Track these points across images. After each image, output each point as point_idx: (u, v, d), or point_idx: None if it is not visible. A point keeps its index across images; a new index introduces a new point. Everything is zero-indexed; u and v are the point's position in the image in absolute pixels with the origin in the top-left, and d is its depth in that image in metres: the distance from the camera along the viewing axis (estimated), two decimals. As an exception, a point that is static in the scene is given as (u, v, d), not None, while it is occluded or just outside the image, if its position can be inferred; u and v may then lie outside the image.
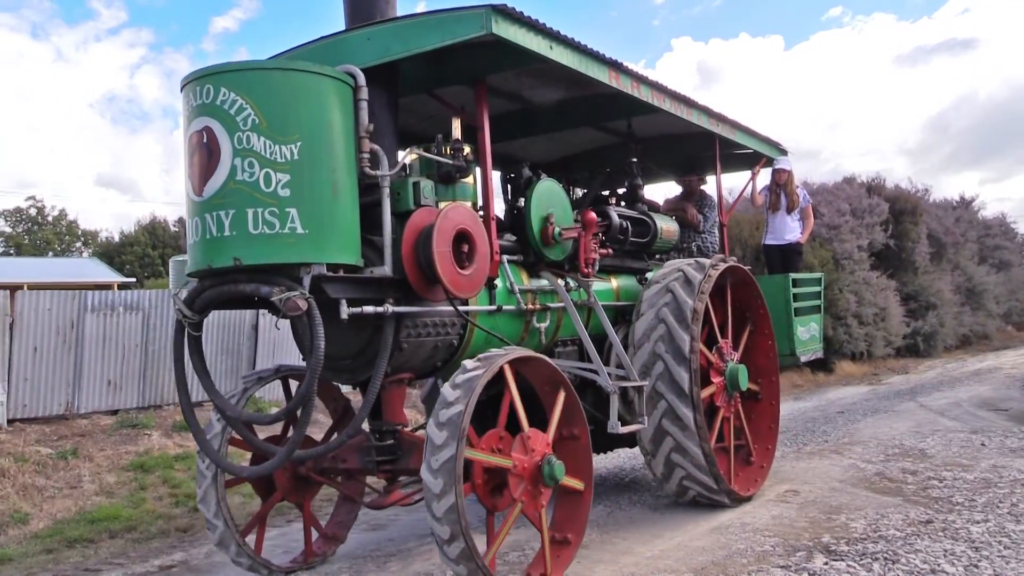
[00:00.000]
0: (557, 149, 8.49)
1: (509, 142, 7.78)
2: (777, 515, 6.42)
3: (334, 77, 4.56)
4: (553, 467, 4.67)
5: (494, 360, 4.59)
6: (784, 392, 16.57)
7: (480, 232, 4.97)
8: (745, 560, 5.33)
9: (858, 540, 5.62)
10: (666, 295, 6.43)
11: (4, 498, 7.84)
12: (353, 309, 4.49)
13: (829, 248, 19.75)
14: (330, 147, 4.46)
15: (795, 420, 12.25)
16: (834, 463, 8.46)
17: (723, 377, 6.81)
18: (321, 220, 4.36)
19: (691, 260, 6.83)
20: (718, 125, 7.41)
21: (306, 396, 4.29)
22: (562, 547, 5.04)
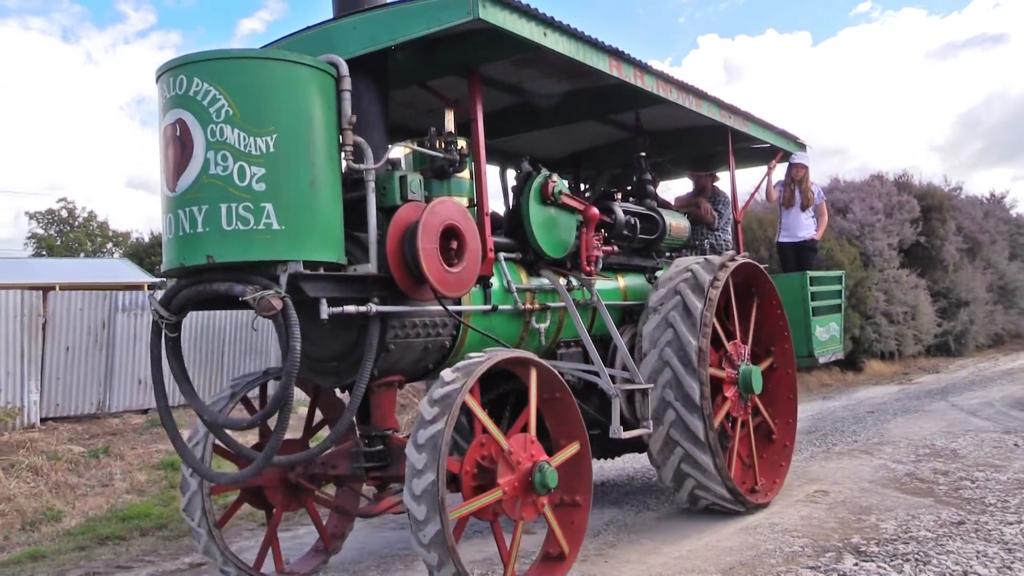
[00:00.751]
0: (565, 145, 8.26)
1: (514, 137, 7.57)
2: (806, 515, 6.36)
3: (314, 67, 4.36)
4: (546, 474, 4.43)
5: (472, 369, 4.35)
6: (813, 391, 16.74)
7: (470, 228, 4.75)
8: (774, 561, 5.27)
9: (888, 541, 5.55)
10: (674, 297, 6.17)
11: (37, 495, 7.96)
12: (334, 309, 4.29)
13: (858, 245, 19.33)
14: (309, 139, 4.26)
15: (824, 420, 12.10)
16: (864, 463, 8.36)
17: (736, 387, 6.53)
18: (299, 215, 4.16)
19: (700, 258, 6.56)
20: (730, 117, 7.12)
21: (281, 400, 4.09)
22: (557, 562, 4.80)
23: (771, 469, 7.00)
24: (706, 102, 6.72)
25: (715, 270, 6.33)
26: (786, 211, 8.93)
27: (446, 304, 4.72)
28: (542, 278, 5.76)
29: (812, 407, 13.72)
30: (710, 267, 6.36)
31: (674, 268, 6.47)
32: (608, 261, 6.49)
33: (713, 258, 6.55)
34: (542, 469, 4.44)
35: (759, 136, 7.67)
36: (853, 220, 19.76)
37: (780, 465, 7.00)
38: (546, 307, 5.67)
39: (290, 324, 4.03)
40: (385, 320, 4.63)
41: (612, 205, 6.37)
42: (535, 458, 4.49)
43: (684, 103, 6.43)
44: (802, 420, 11.69)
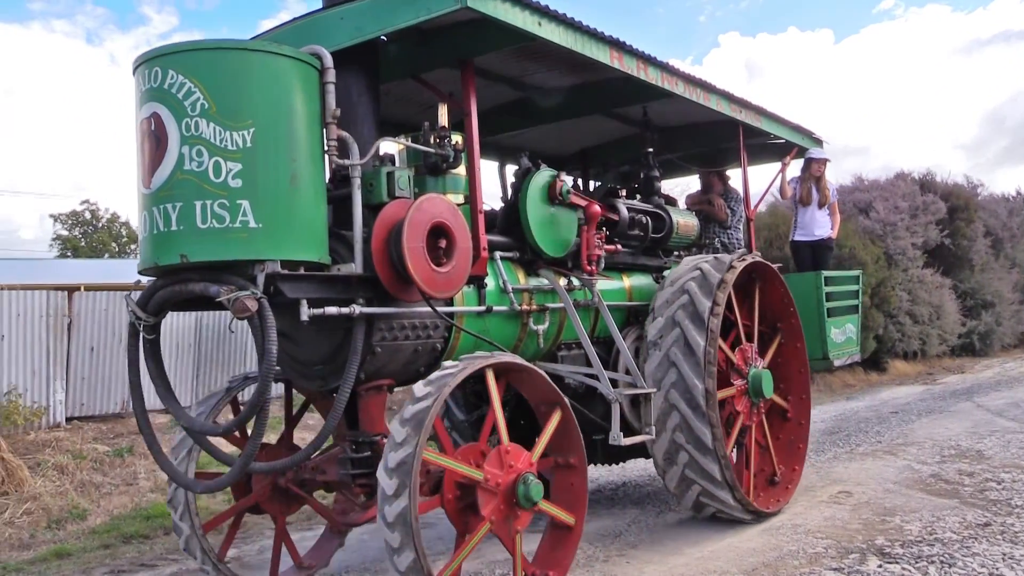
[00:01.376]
0: (573, 141, 8.05)
1: (520, 134, 7.38)
2: (829, 516, 6.30)
3: (296, 58, 4.17)
4: (529, 487, 4.23)
5: (475, 361, 4.18)
6: (836, 392, 16.57)
7: (460, 226, 4.55)
8: (797, 562, 5.23)
9: (913, 543, 5.50)
10: (682, 295, 5.94)
11: (63, 494, 7.99)
12: (315, 310, 4.11)
13: (881, 245, 18.99)
14: (289, 133, 4.08)
15: (847, 420, 11.93)
16: (888, 464, 8.30)
17: (745, 380, 6.29)
18: (277, 213, 3.98)
19: (710, 257, 6.32)
20: (741, 112, 6.88)
21: (257, 405, 3.91)
22: (565, 532, 4.63)
23: (788, 454, 6.80)
24: (715, 95, 6.48)
25: (725, 269, 6.10)
26: (802, 208, 8.64)
27: (435, 305, 4.52)
28: (541, 278, 5.56)
29: (835, 407, 13.60)
30: (720, 265, 6.13)
31: (683, 266, 6.24)
32: (613, 261, 6.28)
33: (724, 256, 6.32)
34: (527, 481, 4.23)
35: (772, 131, 7.42)
36: (876, 220, 19.42)
37: (798, 447, 6.76)
38: (544, 308, 5.47)
39: (266, 326, 3.85)
40: (371, 322, 4.45)
41: (616, 202, 6.15)
42: (516, 470, 4.29)
43: (691, 97, 6.20)
44: (825, 420, 11.87)
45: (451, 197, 5.22)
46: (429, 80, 5.34)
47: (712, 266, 6.10)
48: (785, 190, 8.45)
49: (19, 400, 9.25)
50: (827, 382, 16.58)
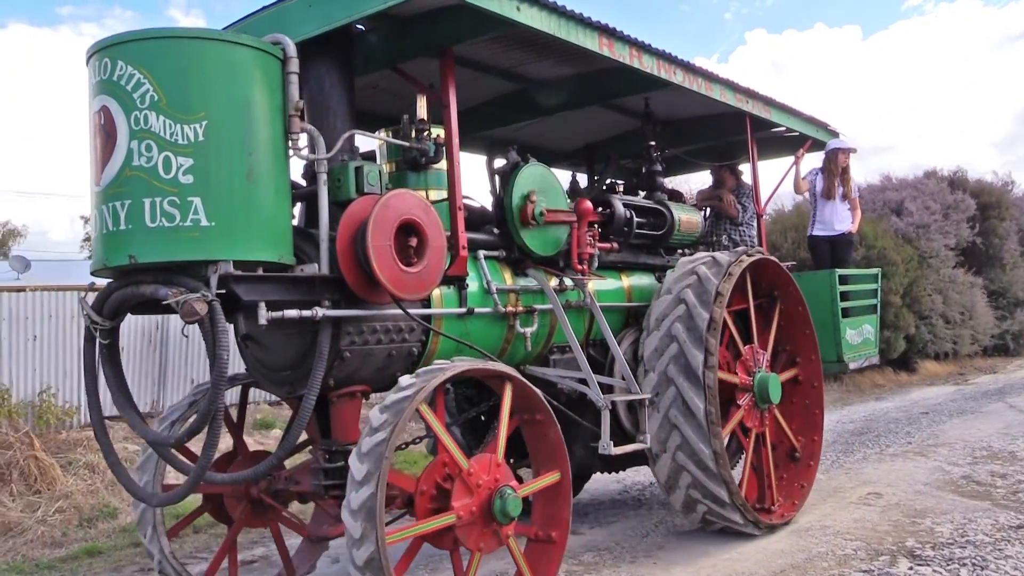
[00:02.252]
0: (579, 136, 7.77)
1: (522, 128, 7.13)
2: (859, 518, 6.23)
3: (254, 47, 3.95)
4: (506, 501, 3.97)
5: (432, 376, 3.92)
6: (865, 392, 16.21)
7: (433, 223, 4.30)
8: (826, 564, 5.19)
9: (944, 545, 5.43)
10: (678, 306, 5.61)
11: (94, 493, 7.99)
12: (273, 313, 3.88)
13: (916, 247, 18.51)
14: (246, 126, 3.85)
15: (877, 421, 11.76)
16: (918, 465, 8.19)
17: (751, 394, 5.97)
18: (231, 211, 3.76)
19: (708, 257, 6.01)
20: (748, 102, 6.55)
21: (208, 413, 3.68)
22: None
23: (790, 489, 6.42)
24: (718, 85, 6.17)
25: (722, 273, 5.75)
26: (823, 202, 8.24)
27: (406, 307, 4.27)
28: (530, 279, 5.29)
29: (865, 408, 13.42)
30: (718, 269, 5.78)
31: (679, 270, 5.91)
32: (611, 259, 6.00)
33: (722, 256, 5.97)
34: (503, 495, 3.98)
35: (782, 123, 7.07)
36: (910, 222, 18.96)
37: (800, 486, 6.38)
38: (531, 310, 5.19)
39: (217, 331, 3.63)
40: (339, 325, 4.21)
41: (611, 198, 5.85)
42: (499, 482, 4.03)
43: (692, 87, 5.90)
44: (854, 421, 11.76)
45: (434, 194, 5.01)
46: (410, 71, 5.08)
47: (710, 269, 5.73)
48: (799, 185, 8.08)
49: (52, 400, 9.21)
50: (856, 382, 16.27)
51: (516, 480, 4.33)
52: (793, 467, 6.49)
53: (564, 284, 5.45)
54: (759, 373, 6.04)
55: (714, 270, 5.71)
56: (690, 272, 5.74)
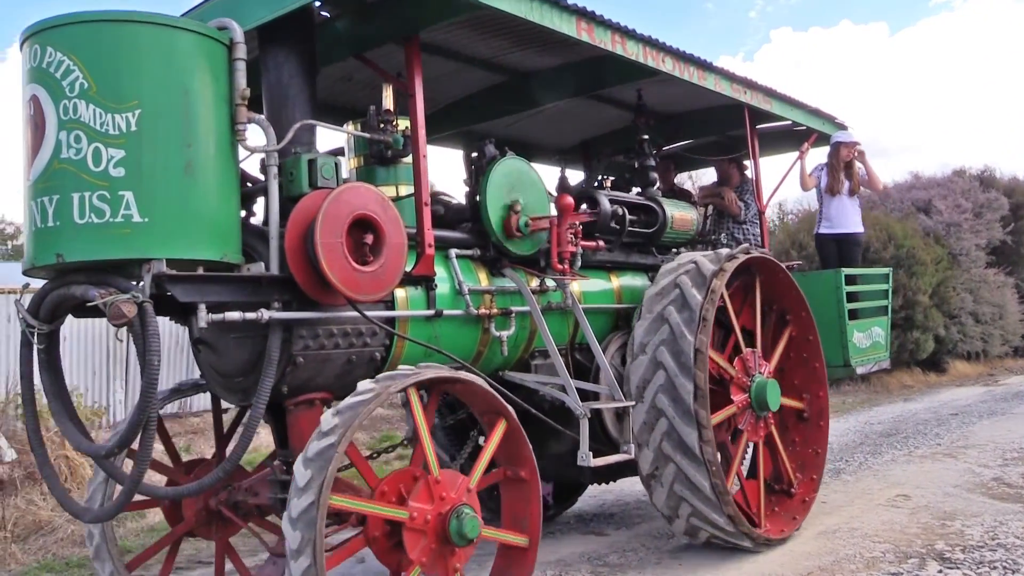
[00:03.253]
0: (575, 132, 7.48)
1: (515, 124, 6.86)
2: (887, 520, 6.17)
3: (195, 32, 3.70)
4: (463, 522, 3.68)
5: (395, 381, 3.65)
6: (893, 393, 15.93)
7: (391, 219, 4.02)
8: (854, 566, 5.13)
9: (975, 548, 5.37)
10: (672, 291, 5.30)
11: None
12: (214, 316, 3.63)
13: (945, 246, 18.04)
14: (184, 116, 3.60)
15: (905, 422, 11.65)
16: (948, 467, 8.09)
17: (747, 394, 5.64)
18: (166, 206, 3.51)
19: (709, 251, 5.70)
20: (746, 93, 6.22)
21: (139, 423, 3.43)
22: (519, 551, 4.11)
23: (791, 504, 6.07)
24: (712, 74, 5.84)
25: (722, 261, 5.46)
26: (829, 198, 7.82)
27: (363, 309, 4.00)
28: (507, 279, 5.00)
29: (893, 409, 13.33)
30: (716, 259, 5.49)
31: (677, 260, 5.61)
32: (600, 259, 5.70)
33: (723, 251, 5.68)
34: (460, 515, 3.69)
35: (785, 115, 6.72)
36: (939, 221, 18.49)
37: (793, 519, 5.98)
38: (507, 312, 4.90)
39: (147, 335, 3.38)
40: (290, 329, 3.95)
41: (596, 194, 5.55)
42: (449, 502, 3.75)
43: (684, 76, 5.58)
44: (882, 422, 11.69)
45: (404, 189, 4.75)
46: (378, 60, 4.81)
47: (708, 259, 5.47)
48: (805, 181, 7.70)
49: (80, 400, 9.12)
50: (884, 383, 16.09)
51: None
52: (785, 501, 6.13)
53: (545, 285, 5.16)
54: (758, 378, 5.70)
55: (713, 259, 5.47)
56: (689, 261, 5.46)
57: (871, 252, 15.57)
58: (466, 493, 3.80)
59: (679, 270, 5.44)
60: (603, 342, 5.55)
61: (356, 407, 3.56)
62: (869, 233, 15.87)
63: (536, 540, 4.14)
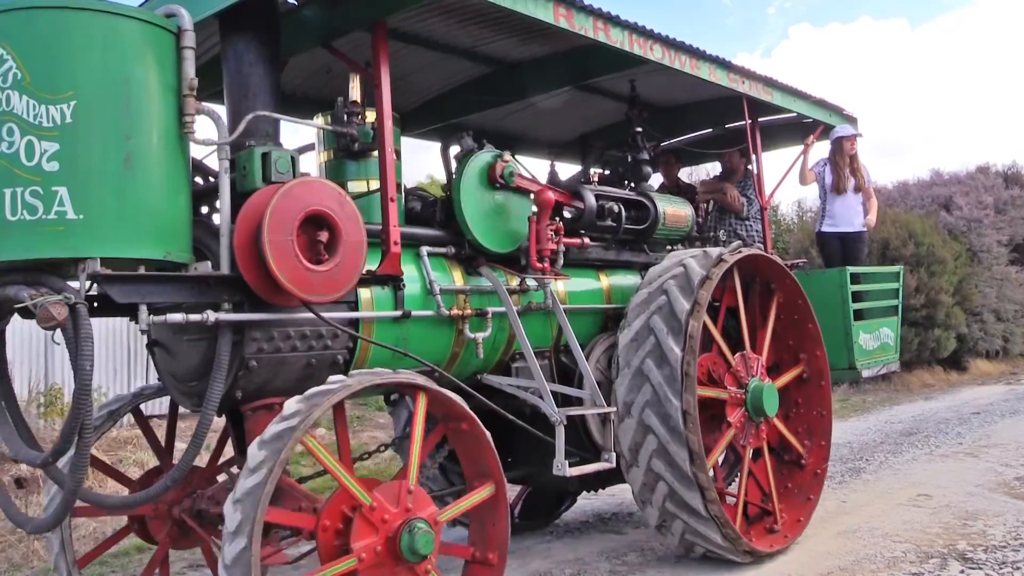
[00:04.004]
0: (574, 126, 7.24)
1: (507, 118, 6.66)
2: (908, 520, 6.12)
3: (138, 19, 3.50)
4: (415, 538, 3.46)
5: (322, 399, 3.42)
6: (914, 392, 15.71)
7: (348, 215, 3.80)
8: (874, 566, 5.10)
9: (997, 548, 5.33)
10: (659, 296, 5.07)
11: None
12: (156, 317, 3.44)
13: (964, 241, 17.61)
14: (124, 107, 3.41)
15: (926, 421, 11.54)
16: (969, 466, 8.02)
17: (743, 408, 5.38)
18: (103, 202, 3.33)
19: (698, 250, 5.44)
20: (743, 83, 5.94)
21: (72, 431, 3.25)
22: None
23: (796, 503, 5.80)
24: (706, 63, 5.57)
25: (711, 264, 5.21)
26: (832, 196, 7.52)
27: (317, 310, 3.79)
28: (484, 278, 4.78)
29: (913, 408, 13.19)
30: (705, 260, 5.24)
31: (666, 262, 5.37)
32: (588, 257, 5.46)
33: (712, 250, 5.42)
34: (412, 530, 3.47)
35: (786, 106, 6.43)
36: (960, 216, 18.03)
37: (808, 499, 5.77)
38: (482, 313, 4.67)
39: (79, 338, 3.19)
40: (242, 331, 3.76)
41: (580, 188, 5.30)
42: (409, 514, 3.54)
43: (675, 65, 5.32)
44: (903, 421, 11.61)
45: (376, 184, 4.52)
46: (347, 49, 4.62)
47: (697, 261, 5.22)
48: (805, 175, 7.39)
49: (102, 398, 9.02)
50: (905, 382, 15.92)
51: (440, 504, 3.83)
52: (799, 476, 5.87)
53: (526, 284, 4.93)
54: (752, 383, 5.44)
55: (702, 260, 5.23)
56: (677, 263, 5.21)
57: (890, 250, 15.24)
58: (408, 497, 3.57)
59: (666, 274, 5.19)
60: (589, 344, 5.32)
61: (282, 437, 3.35)
62: (888, 231, 15.55)
63: (503, 559, 3.92)
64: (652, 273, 5.33)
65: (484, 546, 3.91)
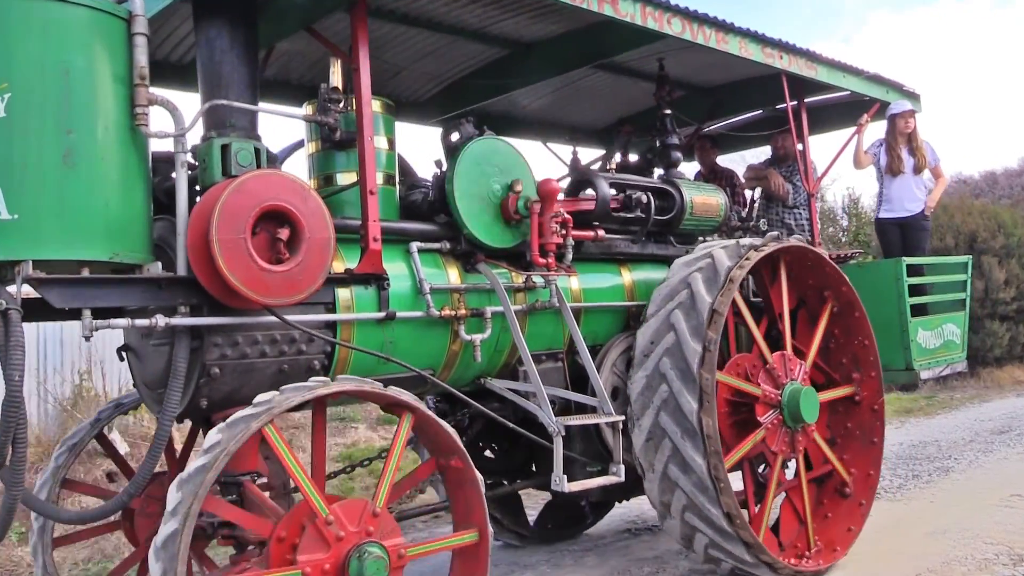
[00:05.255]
0: (611, 110, 6.82)
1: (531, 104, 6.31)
2: (1000, 521, 5.95)
3: (80, 4, 3.27)
4: (364, 564, 3.15)
5: (241, 430, 3.12)
6: (1005, 388, 14.83)
7: (312, 211, 3.50)
8: (965, 568, 4.99)
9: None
10: (683, 290, 4.65)
11: None
12: (99, 322, 3.22)
13: None
14: (63, 99, 3.18)
15: (1019, 419, 11.06)
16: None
17: (777, 410, 4.91)
18: (40, 200, 3.11)
19: (730, 241, 4.99)
20: (782, 58, 5.43)
21: (4, 443, 3.04)
22: None
23: (834, 532, 5.29)
24: (736, 37, 5.09)
25: (741, 255, 4.76)
26: (889, 179, 6.87)
27: (280, 313, 3.52)
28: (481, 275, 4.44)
29: (1004, 405, 12.71)
30: (735, 251, 4.79)
31: (694, 253, 4.94)
32: (608, 251, 5.07)
33: (746, 240, 4.96)
34: (362, 555, 3.16)
35: (833, 83, 5.87)
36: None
37: (848, 530, 5.25)
38: (479, 313, 4.33)
39: (9, 346, 2.98)
40: (201, 336, 3.51)
41: (593, 177, 4.90)
42: (370, 537, 3.23)
43: (699, 40, 4.87)
44: (993, 419, 11.16)
45: (370, 176, 4.22)
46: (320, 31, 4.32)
47: (727, 252, 4.77)
48: (859, 158, 6.76)
49: None
50: (995, 378, 15.12)
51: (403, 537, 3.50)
52: (841, 505, 5.36)
53: (532, 282, 4.56)
54: (790, 385, 4.96)
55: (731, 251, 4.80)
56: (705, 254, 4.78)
57: (978, 242, 14.40)
58: (372, 520, 3.27)
59: (692, 266, 4.76)
60: (606, 345, 4.93)
61: (243, 420, 3.10)
62: (976, 222, 14.59)
63: (486, 530, 3.61)
64: (677, 265, 4.91)
65: (464, 522, 3.59)
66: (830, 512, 5.35)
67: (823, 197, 20.80)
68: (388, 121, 4.44)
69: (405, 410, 3.48)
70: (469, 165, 4.33)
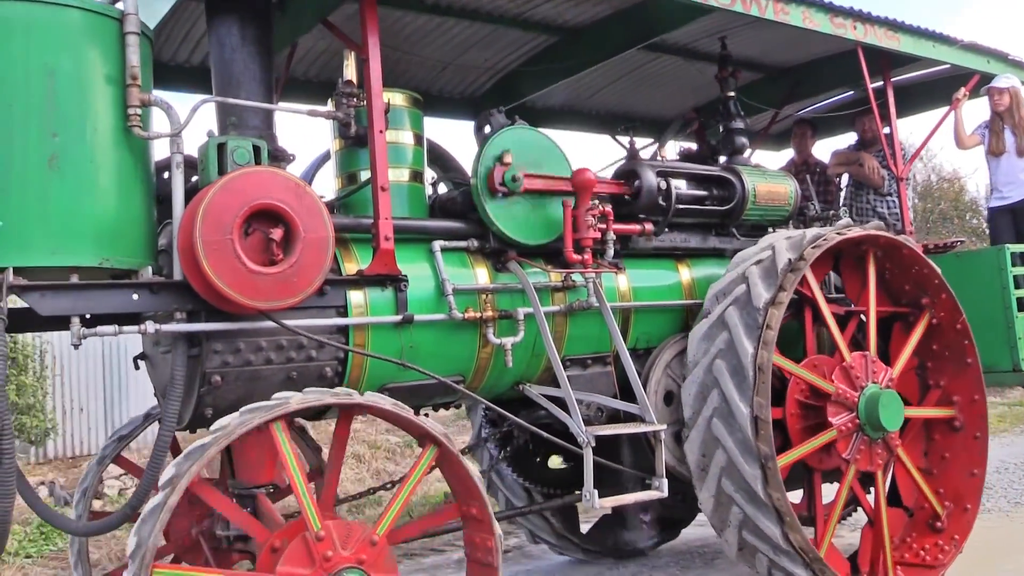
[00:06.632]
0: (686, 98, 6.40)
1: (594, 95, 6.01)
2: None
3: (66, 5, 3.19)
4: None
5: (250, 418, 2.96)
6: None
7: (308, 209, 3.30)
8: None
9: None
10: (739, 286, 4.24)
11: (360, 481, 8.60)
12: (86, 330, 3.12)
13: None
14: (49, 102, 3.10)
15: None
16: None
17: (853, 413, 4.41)
18: (24, 205, 3.04)
19: (797, 232, 4.53)
20: (855, 27, 4.91)
21: (-11, 458, 2.97)
22: None
23: (919, 568, 4.75)
24: (798, 7, 4.61)
25: (805, 246, 4.30)
26: (995, 162, 6.14)
27: (278, 317, 3.34)
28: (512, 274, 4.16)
29: None
30: (799, 242, 4.34)
31: (759, 244, 4.50)
32: (662, 246, 4.69)
33: (813, 230, 4.49)
34: None
35: (921, 54, 5.28)
36: None
37: (931, 569, 4.69)
38: (508, 315, 4.04)
39: (-9, 356, 2.91)
40: (200, 343, 3.37)
41: (638, 167, 4.52)
42: (359, 563, 3.00)
43: (752, 11, 4.42)
44: None
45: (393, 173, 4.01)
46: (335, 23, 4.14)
47: (790, 243, 4.32)
48: (962, 139, 6.04)
49: None
50: None
51: None
52: (930, 537, 4.80)
53: (571, 281, 4.24)
54: (869, 389, 4.45)
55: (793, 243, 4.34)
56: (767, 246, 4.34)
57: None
58: (367, 548, 3.03)
59: (751, 259, 4.34)
60: (659, 346, 4.56)
61: (198, 451, 2.91)
62: None
63: None
64: (737, 258, 4.48)
65: None
66: (916, 544, 4.80)
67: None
68: (415, 115, 4.22)
69: (430, 442, 3.23)
70: (492, 157, 4.05)
